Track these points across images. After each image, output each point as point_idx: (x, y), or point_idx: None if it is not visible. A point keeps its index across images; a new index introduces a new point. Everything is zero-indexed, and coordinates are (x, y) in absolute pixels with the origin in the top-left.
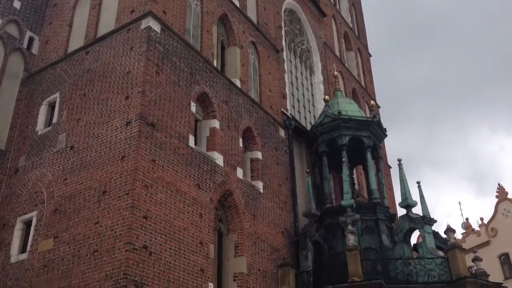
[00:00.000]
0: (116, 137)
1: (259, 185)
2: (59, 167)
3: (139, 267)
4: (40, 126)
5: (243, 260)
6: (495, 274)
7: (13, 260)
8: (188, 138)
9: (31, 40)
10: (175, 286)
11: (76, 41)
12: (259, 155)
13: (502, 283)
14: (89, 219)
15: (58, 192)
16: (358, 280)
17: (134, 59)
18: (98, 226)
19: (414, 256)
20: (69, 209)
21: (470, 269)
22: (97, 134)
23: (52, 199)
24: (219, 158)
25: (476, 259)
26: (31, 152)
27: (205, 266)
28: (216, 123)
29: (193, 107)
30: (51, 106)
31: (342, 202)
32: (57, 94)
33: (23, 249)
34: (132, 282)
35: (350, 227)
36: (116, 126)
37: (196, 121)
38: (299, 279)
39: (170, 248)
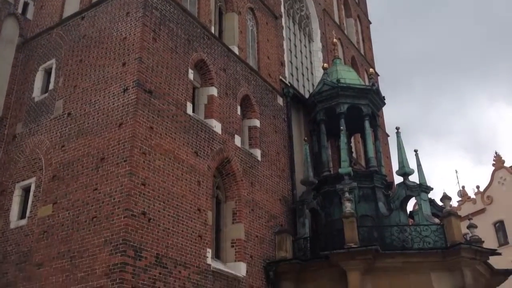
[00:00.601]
0: (113, 104)
1: (257, 153)
2: (56, 134)
3: (138, 233)
4: (36, 93)
5: (241, 227)
6: (490, 241)
7: (12, 225)
8: (186, 105)
9: (26, 5)
10: (174, 252)
11: (71, 6)
12: (257, 123)
13: (496, 249)
14: (88, 186)
15: (56, 158)
16: (355, 246)
17: (130, 24)
18: (96, 193)
19: (410, 223)
20: (68, 175)
21: (465, 236)
22: (94, 101)
23: (50, 165)
24: (217, 126)
25: (471, 226)
26: (28, 118)
27: (203, 233)
28: (214, 91)
29: (191, 74)
30: (47, 73)
31: (340, 170)
32: (53, 60)
33: (22, 215)
34: (131, 248)
35: (347, 194)
36: (113, 93)
37: (194, 88)
38: (296, 246)
39: (168, 215)
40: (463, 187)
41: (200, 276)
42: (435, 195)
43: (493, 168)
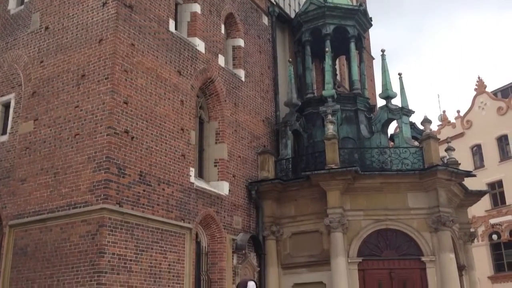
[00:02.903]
0: (92, 18)
1: (241, 73)
2: (34, 48)
3: (121, 151)
4: (12, 5)
5: (224, 147)
6: (466, 163)
7: None
8: (168, 22)
9: None
10: (157, 170)
11: None
12: (241, 42)
13: (471, 172)
14: (69, 103)
15: (35, 74)
16: (335, 167)
17: None
18: (78, 110)
19: (390, 146)
20: (48, 92)
21: (442, 159)
22: (72, 15)
23: (29, 81)
24: (200, 45)
25: (449, 149)
26: (5, 32)
27: (186, 152)
28: (197, 7)
29: None
30: None
31: (323, 92)
32: None
33: (3, 131)
34: (114, 165)
35: (330, 116)
36: (92, 7)
37: (177, 4)
38: (278, 166)
39: (151, 134)
40: (444, 111)
41: (184, 194)
42: (417, 119)
43: (475, 93)
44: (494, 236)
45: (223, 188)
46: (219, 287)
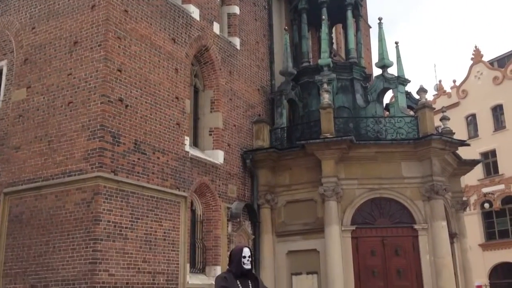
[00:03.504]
0: None
1: (236, 41)
2: (26, 14)
3: (115, 119)
4: None
5: (219, 116)
6: (461, 133)
7: None
8: None
9: None
10: (152, 138)
11: None
12: (236, 10)
13: (465, 141)
14: (62, 70)
15: (27, 41)
16: (330, 136)
17: None
18: (71, 78)
19: (386, 115)
20: (40, 59)
21: (437, 128)
22: None
23: (21, 48)
24: (195, 12)
25: (443, 118)
26: None
27: (181, 121)
28: None
29: None
30: None
31: (319, 61)
32: None
33: None
34: (109, 133)
35: (325, 85)
36: None
37: None
38: (273, 135)
39: (145, 102)
40: (440, 81)
41: (179, 162)
42: (413, 89)
43: (471, 62)
44: (486, 205)
45: (218, 156)
46: (214, 255)
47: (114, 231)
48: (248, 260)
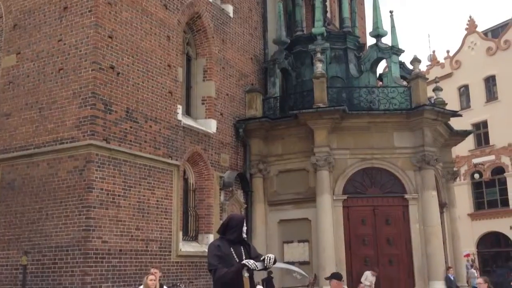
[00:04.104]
0: None
1: (229, 9)
2: None
3: (106, 87)
4: None
5: (212, 85)
6: (453, 104)
7: None
8: None
9: None
10: (144, 107)
11: None
12: None
13: (457, 111)
14: (52, 36)
15: (16, 6)
16: (323, 106)
17: None
18: (61, 44)
19: (379, 85)
20: (30, 24)
21: (429, 99)
22: None
23: (10, 13)
24: None
25: (436, 89)
26: None
27: (174, 89)
28: None
29: None
30: None
31: (313, 30)
32: None
33: None
34: (100, 101)
35: (319, 55)
36: None
37: None
38: (266, 105)
39: (137, 70)
40: (433, 51)
41: (171, 131)
42: (406, 59)
43: (465, 32)
44: (476, 175)
45: (210, 126)
46: (207, 223)
47: (107, 199)
48: (245, 229)
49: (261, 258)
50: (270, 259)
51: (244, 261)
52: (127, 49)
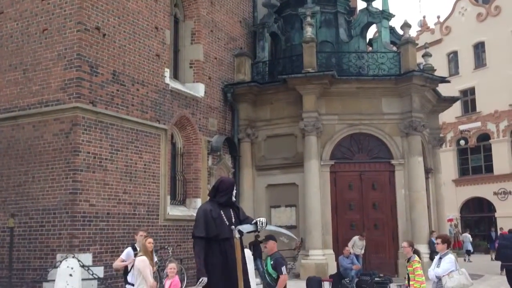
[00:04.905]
0: None
1: None
2: None
3: (92, 48)
4: None
5: (200, 48)
6: (442, 70)
7: None
8: None
9: None
10: (131, 70)
11: None
12: None
13: (445, 78)
14: None
15: None
16: (312, 71)
17: None
18: (45, 3)
19: (369, 51)
20: None
21: (418, 65)
22: None
23: None
24: None
25: (426, 55)
26: None
27: (161, 52)
28: None
29: None
30: None
31: None
32: None
33: None
34: (86, 63)
35: (309, 19)
36: None
37: None
38: (255, 69)
39: (124, 31)
40: (424, 16)
41: (159, 95)
42: (396, 24)
43: None
44: (462, 142)
45: (198, 90)
46: (194, 187)
47: (94, 163)
48: (235, 193)
49: (253, 222)
50: (262, 223)
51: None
52: (113, 10)
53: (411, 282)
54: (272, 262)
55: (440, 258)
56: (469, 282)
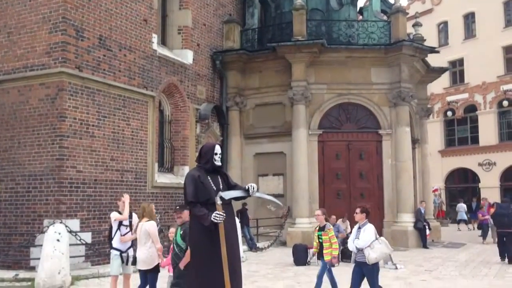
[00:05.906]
0: None
1: None
2: None
3: (78, 11)
4: None
5: (188, 13)
6: (432, 40)
7: None
8: None
9: None
10: (118, 35)
11: None
12: None
13: (435, 48)
14: None
15: None
16: (302, 39)
17: None
18: None
19: (359, 19)
20: None
21: (409, 35)
22: None
23: None
24: None
25: (416, 25)
26: None
27: (149, 17)
28: None
29: None
30: None
31: None
32: None
33: None
34: (71, 27)
35: None
36: None
37: None
38: (244, 36)
39: None
40: None
41: (146, 61)
42: None
43: None
44: (449, 113)
45: (187, 56)
46: (182, 155)
47: (81, 129)
48: (219, 157)
49: (245, 187)
50: (253, 188)
51: (220, 193)
52: None
53: (327, 250)
54: (181, 232)
55: (359, 228)
56: (390, 250)
